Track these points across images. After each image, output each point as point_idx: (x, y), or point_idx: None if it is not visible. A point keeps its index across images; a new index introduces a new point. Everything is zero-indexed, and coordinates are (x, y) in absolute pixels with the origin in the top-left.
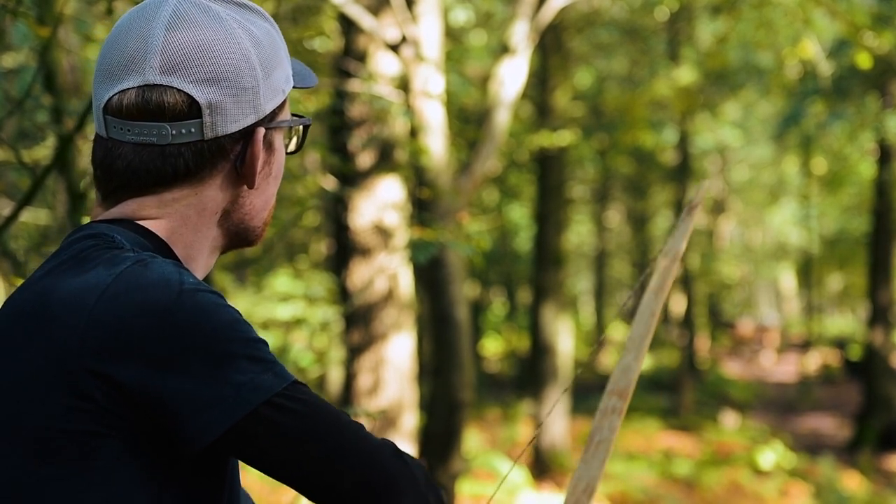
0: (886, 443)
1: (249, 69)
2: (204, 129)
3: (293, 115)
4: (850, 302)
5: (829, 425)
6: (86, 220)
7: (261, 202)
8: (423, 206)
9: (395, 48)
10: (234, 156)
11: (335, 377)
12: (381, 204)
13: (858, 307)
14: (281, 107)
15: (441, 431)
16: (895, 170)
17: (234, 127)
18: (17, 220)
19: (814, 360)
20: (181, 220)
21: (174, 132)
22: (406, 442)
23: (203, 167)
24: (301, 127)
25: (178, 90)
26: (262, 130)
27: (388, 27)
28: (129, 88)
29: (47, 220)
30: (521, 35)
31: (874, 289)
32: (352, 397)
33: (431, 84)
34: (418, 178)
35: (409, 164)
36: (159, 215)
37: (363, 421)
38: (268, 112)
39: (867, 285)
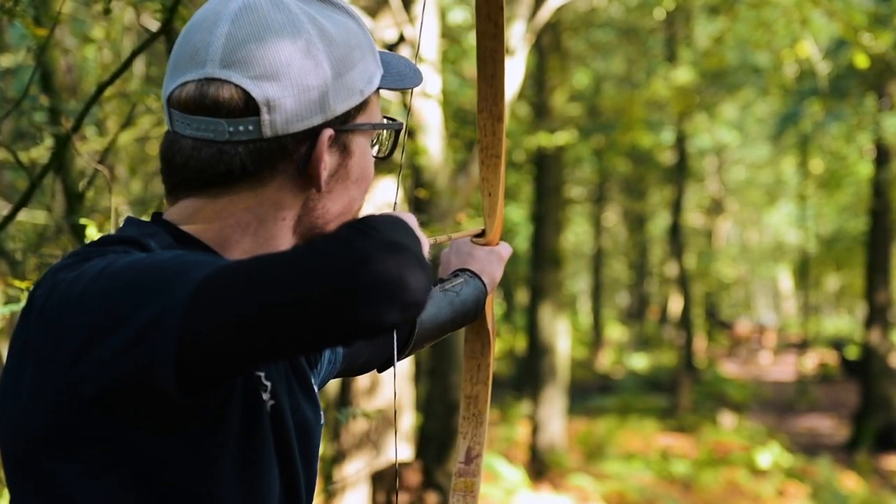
0: (884, 443)
1: (315, 67)
2: (262, 127)
3: (386, 117)
4: (847, 302)
5: (827, 425)
6: (83, 220)
7: (337, 207)
8: (421, 207)
9: (392, 49)
10: (299, 157)
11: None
12: (379, 204)
13: (856, 307)
14: (360, 108)
15: (439, 432)
16: (893, 170)
17: (296, 127)
18: (14, 220)
19: (811, 360)
20: (239, 228)
21: (231, 129)
22: (404, 442)
23: (261, 168)
24: (389, 131)
25: (236, 85)
26: (328, 132)
27: (385, 28)
28: (189, 81)
29: (46, 221)
30: (518, 35)
31: (872, 289)
32: (349, 397)
33: (429, 84)
34: (416, 179)
35: (406, 164)
36: (214, 220)
37: (361, 421)
38: (339, 113)
39: (865, 285)
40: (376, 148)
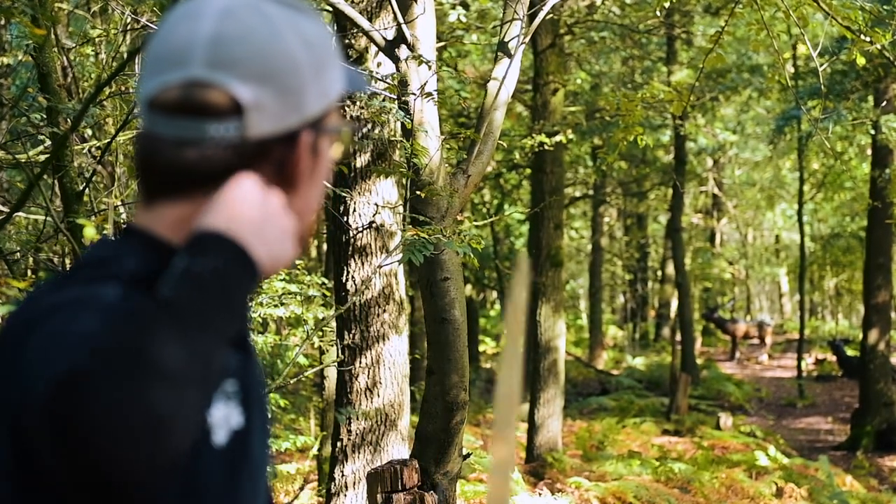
0: (883, 443)
1: (296, 70)
2: (247, 128)
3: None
4: (846, 301)
5: (826, 425)
6: (81, 220)
7: (301, 207)
8: (420, 207)
9: (391, 49)
10: (276, 158)
11: (334, 376)
12: (378, 204)
13: (855, 307)
14: (328, 111)
15: (439, 432)
16: (893, 170)
17: (279, 128)
18: (12, 220)
19: (810, 360)
20: None
21: (215, 131)
22: (403, 442)
23: (242, 168)
24: (349, 133)
25: (222, 87)
26: (308, 134)
27: (384, 28)
28: (172, 81)
29: (44, 221)
30: (515, 35)
31: (871, 289)
32: (349, 397)
33: (428, 85)
34: (414, 179)
35: (405, 164)
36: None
37: (361, 421)
38: (314, 115)
39: (864, 285)
40: (338, 150)
